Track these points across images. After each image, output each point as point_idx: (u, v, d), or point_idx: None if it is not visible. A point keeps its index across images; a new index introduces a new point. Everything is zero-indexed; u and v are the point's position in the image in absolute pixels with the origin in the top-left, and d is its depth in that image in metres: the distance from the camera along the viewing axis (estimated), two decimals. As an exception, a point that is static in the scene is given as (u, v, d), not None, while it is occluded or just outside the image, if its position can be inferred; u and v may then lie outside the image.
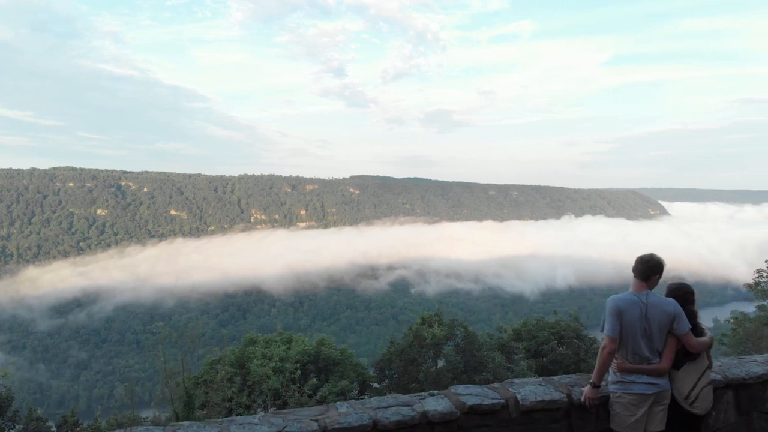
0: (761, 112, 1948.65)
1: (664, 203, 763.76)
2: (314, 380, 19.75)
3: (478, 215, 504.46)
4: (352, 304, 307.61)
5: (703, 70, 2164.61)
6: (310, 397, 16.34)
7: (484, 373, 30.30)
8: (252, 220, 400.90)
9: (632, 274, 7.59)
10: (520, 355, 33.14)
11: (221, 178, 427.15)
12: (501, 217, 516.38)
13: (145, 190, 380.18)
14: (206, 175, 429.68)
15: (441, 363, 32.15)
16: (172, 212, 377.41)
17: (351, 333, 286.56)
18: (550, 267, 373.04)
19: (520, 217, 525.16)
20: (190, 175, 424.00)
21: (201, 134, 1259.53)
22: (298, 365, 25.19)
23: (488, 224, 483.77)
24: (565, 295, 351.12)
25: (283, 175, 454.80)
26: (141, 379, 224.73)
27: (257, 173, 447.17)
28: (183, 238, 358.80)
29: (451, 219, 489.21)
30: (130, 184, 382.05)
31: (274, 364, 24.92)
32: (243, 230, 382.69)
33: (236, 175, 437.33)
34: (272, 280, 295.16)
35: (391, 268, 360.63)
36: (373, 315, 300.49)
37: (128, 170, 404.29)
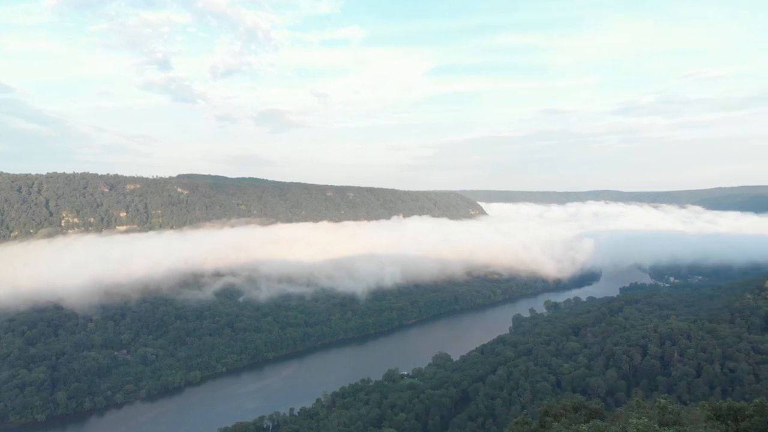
0: (563, 122, 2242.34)
1: (482, 204, 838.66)
2: None
3: (316, 216, 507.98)
4: (182, 314, 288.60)
5: (514, 82, 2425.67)
6: None
7: None
8: (63, 224, 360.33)
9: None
10: None
11: (26, 177, 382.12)
12: (338, 218, 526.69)
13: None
14: (8, 174, 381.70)
15: None
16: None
17: (182, 345, 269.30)
18: (380, 266, 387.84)
19: (356, 218, 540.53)
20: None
21: (2, 128, 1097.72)
22: None
23: (324, 225, 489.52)
24: (395, 292, 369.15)
25: (100, 174, 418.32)
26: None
27: (69, 171, 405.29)
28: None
29: (290, 220, 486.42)
30: None
31: None
32: (50, 235, 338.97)
33: (44, 173, 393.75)
34: (74, 295, 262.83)
35: (218, 274, 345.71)
36: (206, 325, 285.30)
37: None
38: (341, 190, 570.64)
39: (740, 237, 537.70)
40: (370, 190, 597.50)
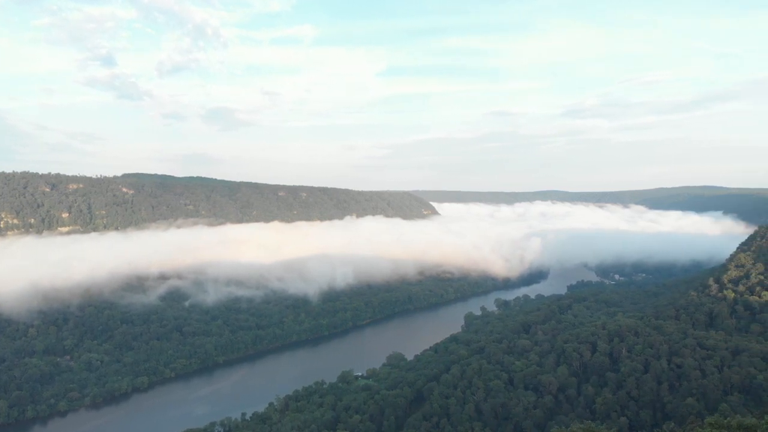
0: (512, 124, 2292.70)
1: (434, 204, 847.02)
2: None
3: (267, 216, 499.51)
4: (128, 319, 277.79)
5: (465, 84, 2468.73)
6: None
7: None
8: (2, 225, 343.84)
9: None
10: None
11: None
12: (290, 218, 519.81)
13: None
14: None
15: None
16: None
17: (128, 350, 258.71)
18: (332, 267, 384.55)
19: (309, 218, 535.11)
20: None
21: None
22: None
23: (276, 225, 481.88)
24: (349, 293, 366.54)
25: (41, 173, 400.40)
26: None
27: (8, 171, 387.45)
28: None
29: (240, 220, 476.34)
30: None
31: None
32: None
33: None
34: (11, 300, 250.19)
35: (163, 277, 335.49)
36: (154, 329, 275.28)
37: None
38: (294, 190, 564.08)
39: (682, 236, 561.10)
40: (324, 190, 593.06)
